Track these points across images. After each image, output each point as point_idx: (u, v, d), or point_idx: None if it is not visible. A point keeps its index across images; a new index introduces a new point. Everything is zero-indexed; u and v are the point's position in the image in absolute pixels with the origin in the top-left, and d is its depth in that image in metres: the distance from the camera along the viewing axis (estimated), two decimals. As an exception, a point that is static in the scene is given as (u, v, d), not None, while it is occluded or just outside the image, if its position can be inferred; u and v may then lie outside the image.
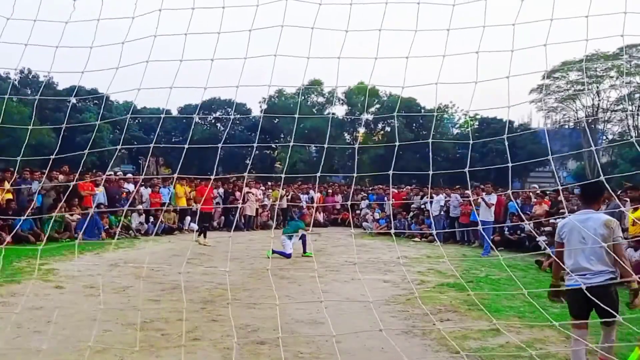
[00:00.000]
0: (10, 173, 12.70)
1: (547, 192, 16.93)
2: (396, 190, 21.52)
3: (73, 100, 39.28)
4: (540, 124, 51.93)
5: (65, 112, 37.88)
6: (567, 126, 45.08)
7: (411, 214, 19.15)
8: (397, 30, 3.57)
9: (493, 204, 14.32)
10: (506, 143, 3.85)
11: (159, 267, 10.32)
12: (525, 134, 37.05)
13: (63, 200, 13.02)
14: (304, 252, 12.74)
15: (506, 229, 15.26)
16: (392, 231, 13.95)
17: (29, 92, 43.73)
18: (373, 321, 6.29)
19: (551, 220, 12.42)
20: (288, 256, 12.12)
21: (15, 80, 43.69)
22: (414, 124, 43.01)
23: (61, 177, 14.79)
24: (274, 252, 12.12)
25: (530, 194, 16.80)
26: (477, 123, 44.82)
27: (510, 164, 3.41)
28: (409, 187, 21.89)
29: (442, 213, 17.62)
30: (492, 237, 14.59)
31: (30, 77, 44.00)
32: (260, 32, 3.46)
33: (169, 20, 3.75)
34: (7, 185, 11.12)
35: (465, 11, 3.51)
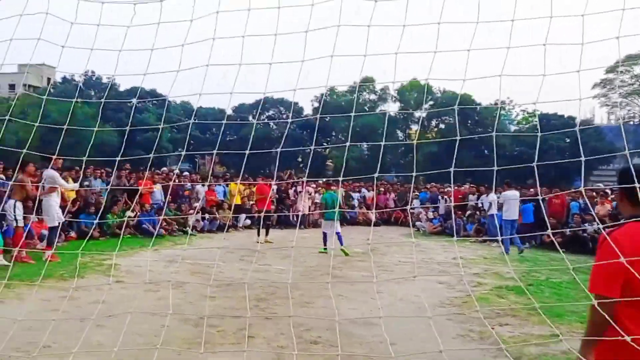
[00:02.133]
0: (75, 171, 13.24)
1: (609, 191, 16.17)
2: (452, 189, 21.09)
3: (134, 101, 40.64)
4: (603, 120, 49.72)
5: (127, 112, 39.33)
6: (632, 122, 42.92)
7: (467, 213, 18.71)
8: (456, 22, 3.45)
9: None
10: (578, 137, 3.63)
11: (214, 263, 10.51)
12: (589, 129, 35.52)
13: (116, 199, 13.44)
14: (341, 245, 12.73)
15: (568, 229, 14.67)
16: (455, 237, 13.67)
17: (93, 93, 45.65)
18: (428, 323, 6.17)
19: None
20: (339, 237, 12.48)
21: (80, 82, 45.71)
22: (469, 121, 41.98)
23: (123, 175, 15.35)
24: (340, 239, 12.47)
25: (594, 193, 16.07)
26: (536, 119, 43.34)
27: (583, 158, 3.16)
28: (466, 186, 21.40)
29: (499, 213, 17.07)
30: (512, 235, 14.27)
31: (93, 78, 45.87)
32: (310, 31, 3.42)
33: (226, 22, 3.76)
34: (71, 183, 11.58)
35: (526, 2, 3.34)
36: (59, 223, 10.20)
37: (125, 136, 5.26)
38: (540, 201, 13.38)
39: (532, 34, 3.56)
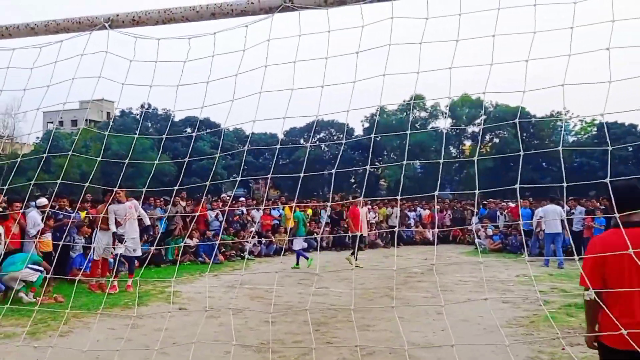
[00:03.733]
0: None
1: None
2: (512, 205, 20.46)
3: (189, 130, 41.98)
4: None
5: (182, 141, 40.61)
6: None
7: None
8: (511, 33, 3.33)
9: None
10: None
11: (272, 288, 10.53)
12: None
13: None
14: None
15: None
16: (526, 256, 13.21)
17: (149, 125, 47.50)
18: (494, 345, 5.92)
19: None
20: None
21: (137, 115, 47.74)
22: (525, 134, 40.87)
23: (182, 203, 15.74)
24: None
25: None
26: (595, 129, 41.69)
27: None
28: (526, 201, 20.69)
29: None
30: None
31: (150, 110, 47.71)
32: (358, 50, 3.41)
33: (277, 48, 3.81)
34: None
35: (590, 8, 3.20)
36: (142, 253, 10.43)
37: (184, 166, 5.36)
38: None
39: (588, 40, 3.40)
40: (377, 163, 42.53)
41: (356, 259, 14.12)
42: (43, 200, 10.71)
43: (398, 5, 3.21)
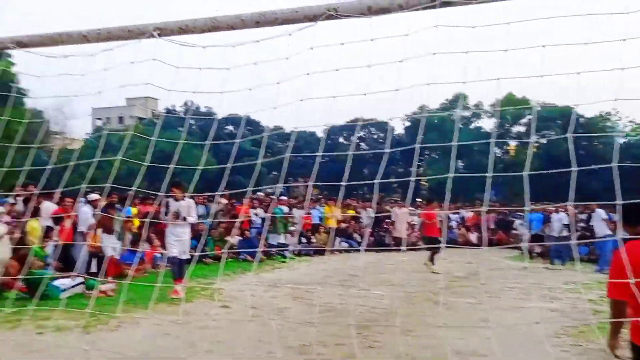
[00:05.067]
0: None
1: None
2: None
3: (230, 128, 42.58)
4: None
5: (224, 139, 41.17)
6: None
7: (577, 234, 17.47)
8: (562, 45, 3.23)
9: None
10: None
11: (312, 288, 10.57)
12: None
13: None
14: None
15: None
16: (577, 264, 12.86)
17: (193, 122, 48.35)
18: (542, 355, 5.77)
19: None
20: None
21: (181, 113, 48.78)
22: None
23: (223, 200, 15.96)
24: None
25: None
26: (647, 130, 40.10)
27: None
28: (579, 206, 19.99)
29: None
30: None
31: (193, 108, 48.62)
32: (400, 55, 3.42)
33: (321, 52, 3.84)
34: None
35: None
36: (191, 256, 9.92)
37: (229, 172, 5.36)
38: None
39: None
40: (419, 164, 42.03)
41: (433, 264, 13.63)
42: (94, 196, 11.00)
43: (442, 13, 3.19)
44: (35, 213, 10.11)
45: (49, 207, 10.75)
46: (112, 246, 10.53)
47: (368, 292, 10.42)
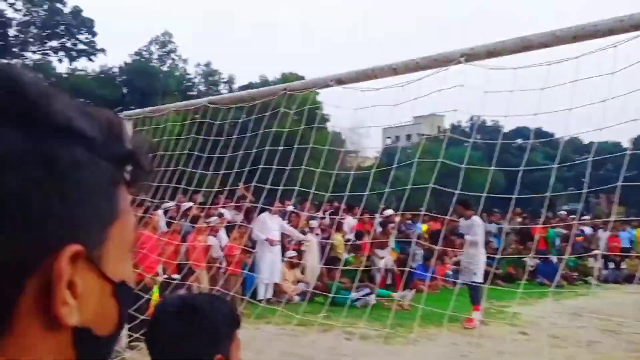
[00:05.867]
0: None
1: None
2: None
3: (519, 141, 40.68)
4: None
5: (512, 152, 39.58)
6: None
7: None
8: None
9: None
10: None
11: (625, 321, 9.17)
12: None
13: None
14: None
15: None
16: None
17: (479, 137, 47.88)
18: None
19: None
20: None
21: (467, 127, 48.84)
22: None
23: (517, 219, 15.25)
24: None
25: None
26: None
27: None
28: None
29: None
30: None
31: (478, 123, 48.16)
32: None
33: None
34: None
35: None
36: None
37: (519, 178, 5.04)
38: None
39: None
40: None
41: None
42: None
43: None
44: (339, 228, 11.27)
45: (349, 222, 11.91)
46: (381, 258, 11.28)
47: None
